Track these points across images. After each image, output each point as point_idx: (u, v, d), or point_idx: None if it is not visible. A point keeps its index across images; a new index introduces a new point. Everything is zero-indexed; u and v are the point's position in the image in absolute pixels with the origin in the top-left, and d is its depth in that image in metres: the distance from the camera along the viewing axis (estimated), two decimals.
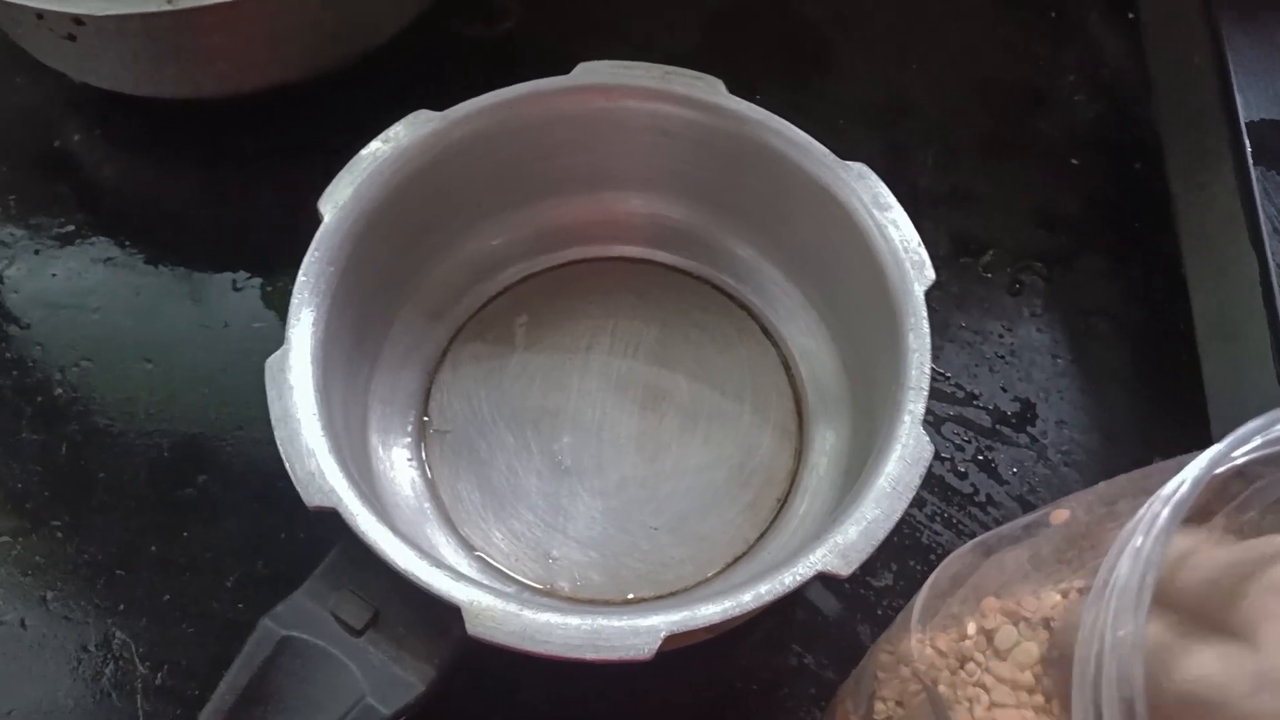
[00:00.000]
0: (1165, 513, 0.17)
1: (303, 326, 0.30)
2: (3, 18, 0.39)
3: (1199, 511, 0.26)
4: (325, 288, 0.31)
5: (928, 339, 0.30)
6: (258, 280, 0.39)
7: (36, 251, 0.39)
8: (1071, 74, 0.45)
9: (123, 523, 0.34)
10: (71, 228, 0.40)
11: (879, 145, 0.43)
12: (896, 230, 0.32)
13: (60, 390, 0.36)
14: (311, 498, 0.27)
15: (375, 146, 0.33)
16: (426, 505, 0.34)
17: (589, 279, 0.39)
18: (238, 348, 0.38)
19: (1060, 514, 0.20)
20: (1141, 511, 0.18)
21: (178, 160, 0.42)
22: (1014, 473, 0.36)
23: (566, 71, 0.35)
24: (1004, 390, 0.38)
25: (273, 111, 0.41)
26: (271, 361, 0.29)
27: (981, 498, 0.36)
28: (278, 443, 0.28)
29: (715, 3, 0.46)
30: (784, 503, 0.35)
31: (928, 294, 0.31)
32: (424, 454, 0.35)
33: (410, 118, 0.33)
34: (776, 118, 0.34)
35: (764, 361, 0.37)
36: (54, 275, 0.39)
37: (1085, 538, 0.23)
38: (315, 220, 0.31)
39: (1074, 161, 0.43)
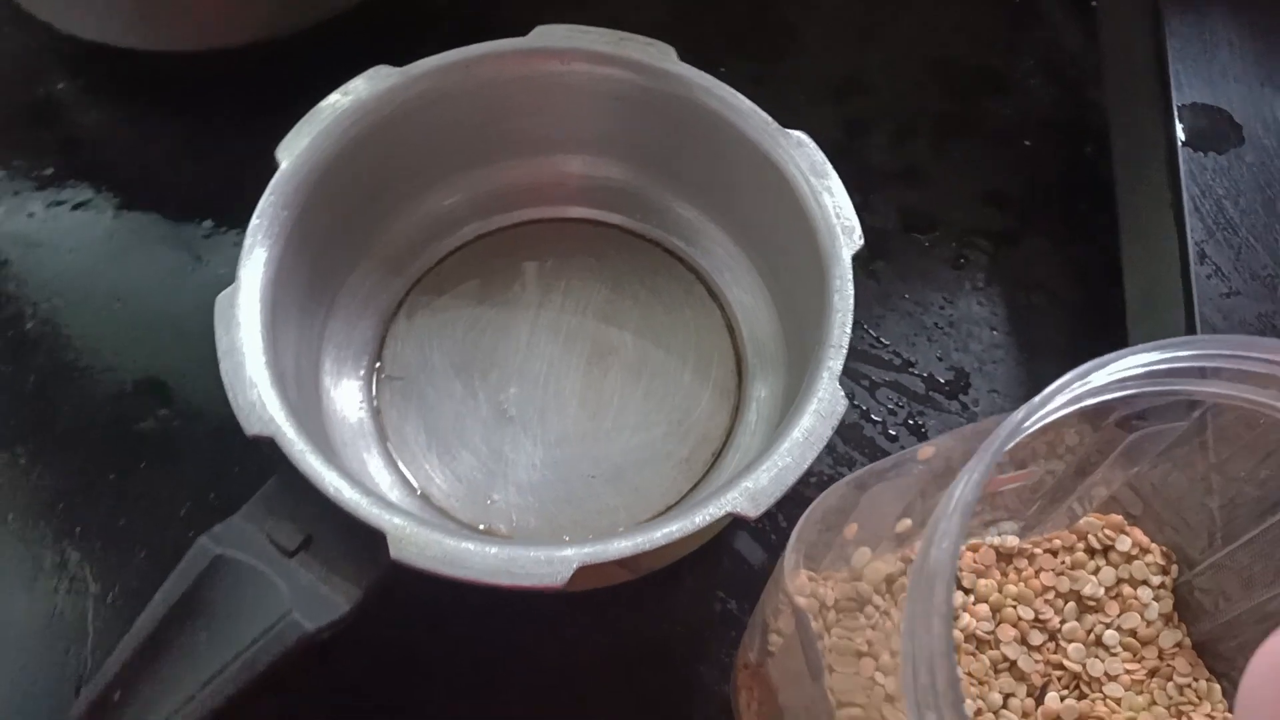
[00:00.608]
0: (991, 450, 0.19)
1: (253, 265, 0.31)
2: None
3: (1083, 465, 0.27)
4: (278, 231, 0.32)
5: (850, 300, 0.31)
6: (226, 228, 0.41)
7: (16, 193, 0.41)
8: (1029, 58, 0.46)
9: (84, 452, 0.36)
10: (50, 171, 0.41)
11: (835, 122, 0.44)
12: (830, 197, 0.33)
13: (31, 324, 0.38)
14: (251, 426, 0.29)
15: (334, 99, 0.34)
16: (373, 445, 0.36)
17: (543, 239, 0.40)
18: (204, 292, 0.38)
19: (926, 450, 0.21)
20: (980, 448, 0.19)
21: (157, 111, 0.44)
22: None
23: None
24: (940, 359, 0.39)
25: (250, 66, 0.42)
26: (221, 297, 0.31)
27: None
28: (222, 374, 0.29)
29: None
30: (718, 456, 0.36)
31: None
32: (374, 398, 0.37)
33: (370, 72, 0.35)
34: (722, 85, 0.35)
35: (708, 323, 0.38)
36: (31, 215, 0.40)
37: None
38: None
39: (1026, 143, 0.44)
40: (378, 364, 0.37)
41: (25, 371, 0.37)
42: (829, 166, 0.34)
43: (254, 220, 0.32)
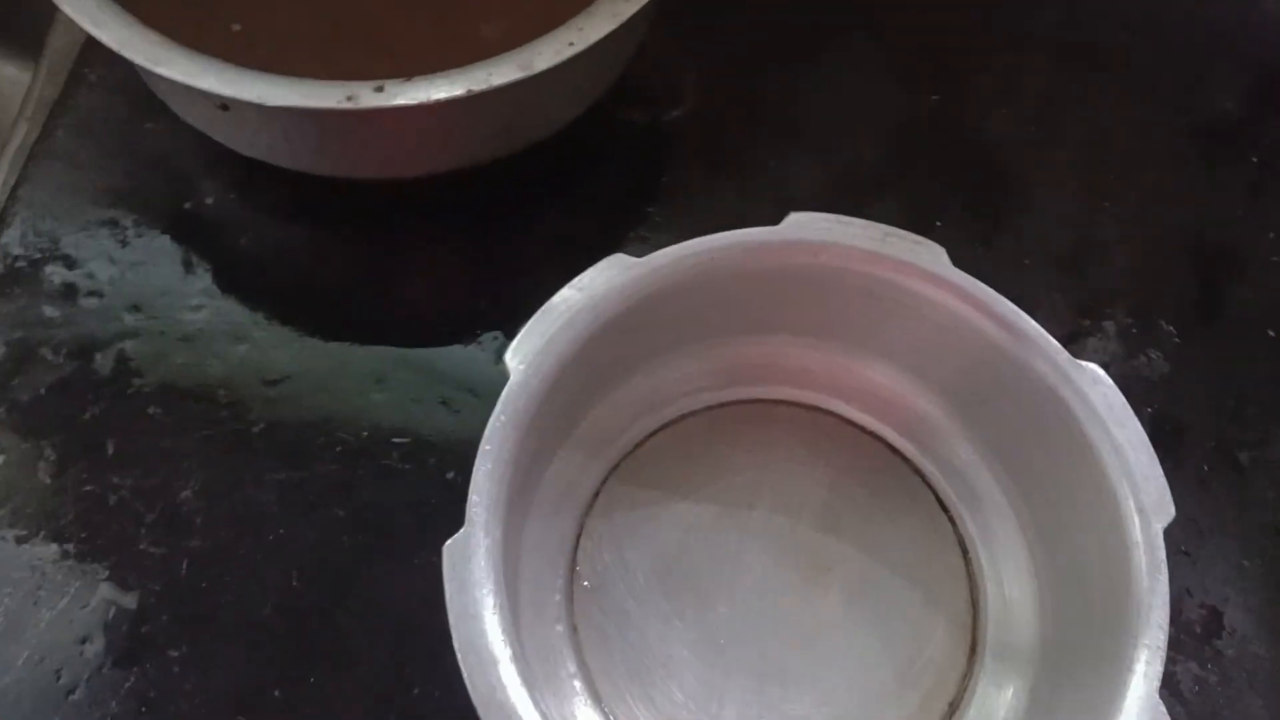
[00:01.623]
0: None
1: (486, 506, 0.27)
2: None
3: None
4: (507, 456, 0.28)
5: (1166, 588, 0.27)
6: (403, 378, 0.36)
7: (162, 333, 0.36)
8: (1271, 232, 0.42)
9: (246, 656, 0.32)
10: (203, 302, 0.37)
11: (1064, 291, 0.40)
12: (1133, 452, 0.29)
13: (185, 495, 0.34)
14: (488, 717, 0.25)
15: (567, 294, 0.30)
16: (573, 668, 0.32)
17: (754, 421, 0.36)
18: (377, 463, 0.35)
19: None
20: None
21: (320, 234, 0.39)
22: (1196, 691, 0.34)
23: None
24: (1189, 593, 0.35)
25: (425, 194, 0.38)
26: (451, 547, 0.27)
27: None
28: (455, 645, 0.26)
29: (899, 116, 0.43)
30: (955, 708, 0.32)
31: None
32: (572, 611, 0.33)
33: (606, 263, 0.31)
34: (1002, 300, 0.31)
35: (938, 539, 0.34)
36: (180, 362, 0.36)
37: None
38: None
39: (1270, 333, 0.40)
40: (575, 568, 0.33)
41: (179, 555, 0.33)
42: (1129, 412, 0.30)
43: (484, 447, 0.28)
